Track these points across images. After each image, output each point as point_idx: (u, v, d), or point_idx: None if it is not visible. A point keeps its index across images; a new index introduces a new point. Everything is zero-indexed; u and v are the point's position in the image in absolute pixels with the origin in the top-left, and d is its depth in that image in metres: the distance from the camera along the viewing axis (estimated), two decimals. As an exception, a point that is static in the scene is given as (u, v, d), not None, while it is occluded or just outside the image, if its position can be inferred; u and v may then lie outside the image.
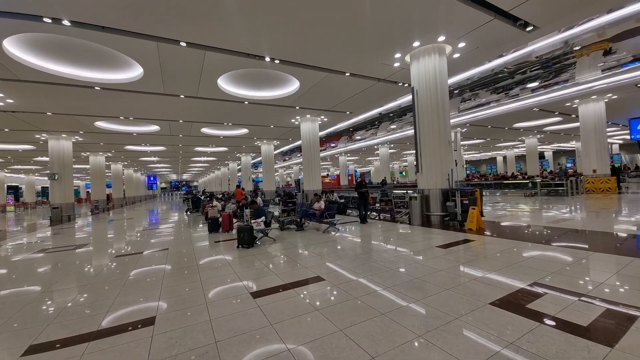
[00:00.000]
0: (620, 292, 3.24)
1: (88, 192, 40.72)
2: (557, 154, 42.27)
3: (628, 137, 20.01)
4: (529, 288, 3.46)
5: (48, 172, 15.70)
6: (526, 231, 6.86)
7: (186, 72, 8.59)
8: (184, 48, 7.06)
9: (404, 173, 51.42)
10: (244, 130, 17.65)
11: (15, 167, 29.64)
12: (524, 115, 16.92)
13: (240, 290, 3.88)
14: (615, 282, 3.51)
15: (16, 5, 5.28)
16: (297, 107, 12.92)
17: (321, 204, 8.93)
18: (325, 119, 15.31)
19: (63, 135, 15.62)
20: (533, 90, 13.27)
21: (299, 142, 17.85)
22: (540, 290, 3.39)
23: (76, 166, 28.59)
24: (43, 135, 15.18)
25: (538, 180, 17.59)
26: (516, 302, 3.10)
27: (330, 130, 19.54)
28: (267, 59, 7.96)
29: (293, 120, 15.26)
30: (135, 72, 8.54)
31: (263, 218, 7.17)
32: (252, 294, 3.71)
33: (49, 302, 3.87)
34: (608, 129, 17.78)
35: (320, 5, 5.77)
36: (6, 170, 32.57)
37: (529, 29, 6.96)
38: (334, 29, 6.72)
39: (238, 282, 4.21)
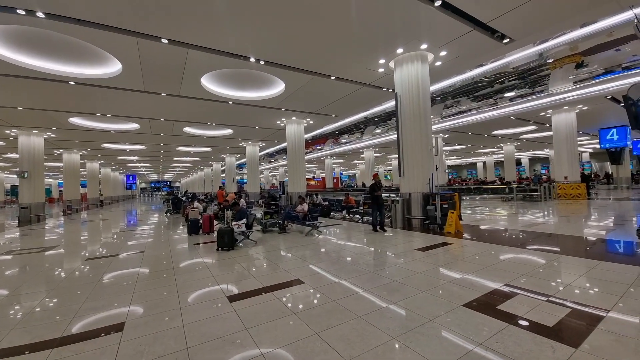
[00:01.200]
0: (587, 294, 3.40)
1: (61, 191, 38.79)
2: (533, 160, 44.25)
3: (598, 146, 21.22)
4: (501, 289, 3.58)
5: (17, 169, 14.82)
6: (502, 234, 7.12)
7: (168, 70, 8.37)
8: (166, 45, 6.89)
9: (388, 177, 52.16)
10: (229, 131, 17.38)
11: (-19, 163, 27.85)
12: (502, 123, 17.62)
13: (216, 294, 3.79)
14: (582, 284, 3.68)
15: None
16: (283, 109, 12.88)
17: (304, 207, 8.90)
18: (311, 122, 15.34)
19: (34, 131, 14.82)
20: (511, 99, 13.86)
21: (284, 144, 17.77)
22: (511, 291, 3.51)
23: (48, 164, 27.21)
24: (13, 130, 14.36)
25: (514, 185, 18.31)
26: (488, 304, 3.19)
27: (316, 132, 19.59)
28: (252, 59, 7.89)
29: (278, 122, 15.19)
30: (113, 67, 8.24)
31: (244, 220, 7.05)
32: (229, 298, 3.63)
33: (14, 307, 3.63)
34: (579, 138, 18.75)
35: (306, 9, 5.80)
36: (-30, 167, 30.55)
37: (505, 41, 7.27)
38: (319, 33, 6.76)
39: (215, 286, 4.12)
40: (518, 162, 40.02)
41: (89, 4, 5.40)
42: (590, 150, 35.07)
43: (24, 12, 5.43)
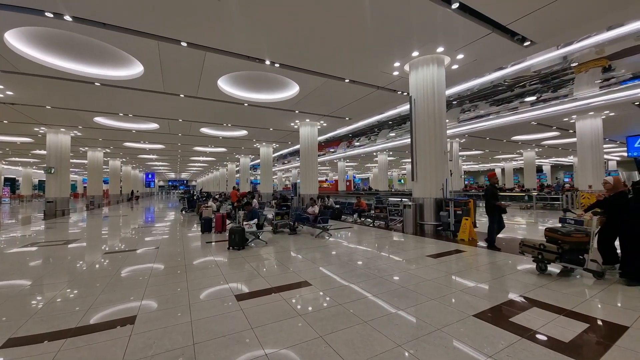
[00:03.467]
0: (607, 309, 3.23)
1: (85, 187, 40.59)
2: (555, 168, 42.47)
3: (625, 154, 20.12)
4: (515, 301, 3.45)
5: (45, 165, 15.65)
6: (519, 244, 6.84)
7: (186, 72, 8.63)
8: (185, 48, 7.11)
9: (402, 181, 51.48)
10: (243, 132, 17.68)
11: (13, 159, 29.55)
12: (523, 129, 17.03)
13: (225, 293, 3.85)
14: (602, 299, 3.49)
15: (19, -1, 5.32)
16: (297, 111, 12.97)
17: (315, 209, 8.91)
18: (325, 124, 15.37)
19: (62, 130, 15.62)
20: (532, 104, 13.38)
21: (297, 146, 17.88)
22: (527, 303, 3.37)
23: (74, 161, 28.54)
24: (42, 128, 15.17)
25: (534, 193, 17.63)
26: (500, 315, 3.08)
27: (330, 135, 19.61)
28: (267, 62, 8.01)
29: (292, 124, 15.31)
30: (135, 69, 8.58)
31: (255, 220, 7.14)
32: (237, 297, 3.68)
33: (34, 296, 3.82)
34: (605, 146, 17.90)
35: (322, 12, 5.84)
36: (3, 162, 32.47)
37: (526, 43, 7.04)
38: (334, 36, 6.78)
39: (224, 284, 4.18)
40: (539, 169, 38.51)
41: (115, 8, 5.65)
42: (618, 158, 33.28)
43: (52, 15, 5.74)
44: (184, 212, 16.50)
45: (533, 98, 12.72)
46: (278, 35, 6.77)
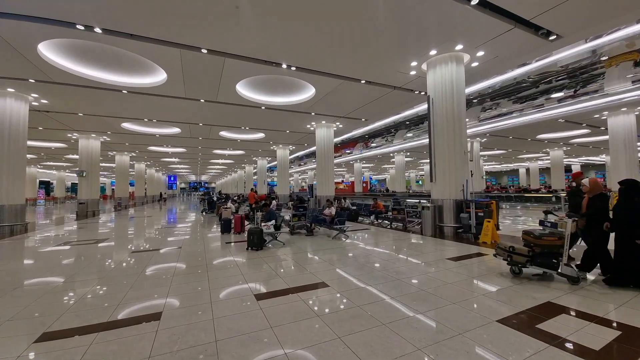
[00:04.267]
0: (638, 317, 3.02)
1: (113, 189, 42.71)
2: (585, 167, 40.16)
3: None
4: (542, 307, 3.30)
5: (77, 169, 16.64)
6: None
7: (206, 78, 8.93)
8: (205, 55, 7.37)
9: (420, 182, 50.45)
10: (261, 135, 18.01)
11: (47, 163, 31.60)
12: (549, 127, 16.25)
13: (245, 292, 3.94)
14: (635, 306, 3.28)
15: (51, 12, 5.71)
16: (313, 113, 13.07)
17: (332, 210, 8.92)
18: (341, 126, 15.38)
19: (92, 135, 16.56)
20: (559, 100, 12.75)
21: (314, 148, 17.98)
22: (553, 310, 3.22)
23: (102, 164, 30.15)
24: (74, 134, 16.16)
25: (562, 194, 16.74)
26: (526, 321, 2.96)
27: (346, 136, 19.59)
28: (284, 65, 8.14)
29: (308, 126, 15.42)
30: (159, 76, 8.97)
31: (273, 221, 7.24)
32: (256, 296, 3.75)
33: (66, 293, 4.07)
34: (641, 143, 16.73)
35: (337, 14, 5.87)
36: (39, 166, 34.78)
37: (552, 38, 6.74)
38: (350, 37, 6.79)
39: (244, 284, 4.28)
40: (568, 169, 36.53)
41: (142, 19, 5.94)
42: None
43: (82, 28, 6.12)
44: (204, 213, 17.00)
45: (560, 94, 12.12)
46: (294, 40, 6.86)
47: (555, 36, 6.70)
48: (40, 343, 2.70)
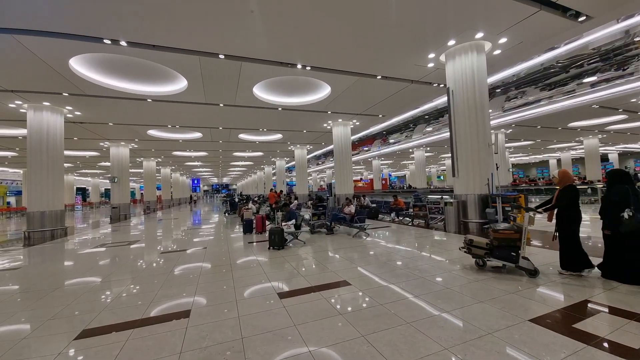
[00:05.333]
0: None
1: (142, 194, 45.00)
2: (623, 156, 37.22)
3: None
4: (578, 306, 3.11)
5: (109, 175, 17.68)
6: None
7: (225, 82, 9.17)
8: (223, 60, 7.56)
9: (442, 177, 48.99)
10: (278, 136, 18.25)
11: (83, 171, 33.82)
12: (582, 113, 15.21)
13: (268, 290, 4.02)
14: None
15: (80, 28, 6.08)
16: (329, 112, 13.05)
17: (351, 208, 8.88)
18: (358, 123, 15.25)
19: (122, 143, 17.53)
20: (592, 85, 11.90)
21: (331, 146, 17.96)
22: (590, 308, 3.03)
23: (132, 170, 31.83)
24: (105, 143, 17.17)
25: (599, 185, 15.66)
26: (561, 320, 2.81)
27: (363, 134, 19.40)
28: (299, 66, 8.19)
29: (325, 125, 15.43)
30: (180, 84, 9.32)
31: (293, 221, 7.33)
32: (279, 295, 3.82)
33: (103, 291, 4.35)
34: (690, 127, 15.26)
35: (349, 9, 5.83)
36: (75, 174, 37.28)
37: (581, 19, 6.30)
38: (363, 33, 6.72)
39: (267, 283, 4.36)
40: (604, 158, 34.08)
41: (164, 30, 6.20)
42: None
43: (109, 42, 6.48)
44: (226, 214, 17.49)
45: (594, 78, 11.30)
46: (308, 39, 6.89)
47: (584, 17, 6.26)
48: (80, 340, 2.90)
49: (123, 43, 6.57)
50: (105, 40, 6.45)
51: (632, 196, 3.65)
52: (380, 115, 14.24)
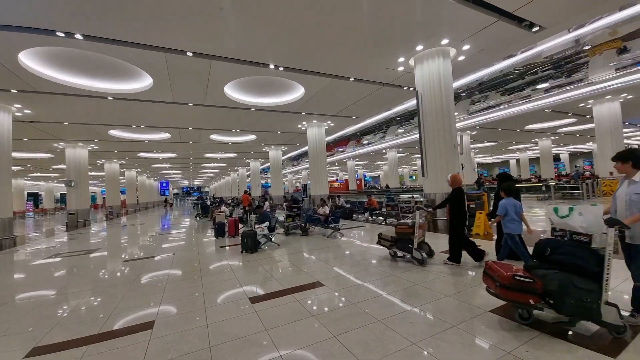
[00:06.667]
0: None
1: (104, 198, 42.01)
2: (573, 156, 40.93)
3: (648, 137, 19.19)
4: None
5: (65, 179, 16.31)
6: (540, 237, 6.63)
7: (193, 81, 8.82)
8: (191, 58, 7.26)
9: (413, 177, 50.79)
10: (252, 137, 17.90)
11: (35, 174, 30.92)
12: (537, 117, 16.50)
13: (239, 295, 3.90)
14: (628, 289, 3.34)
15: (29, 20, 5.56)
16: (303, 113, 13.03)
17: (326, 209, 8.92)
18: (332, 124, 15.37)
19: (79, 144, 16.23)
20: (545, 90, 12.96)
21: (306, 147, 17.95)
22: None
23: (92, 173, 29.66)
24: (60, 144, 15.81)
25: (552, 183, 17.06)
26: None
27: (338, 135, 19.59)
28: (272, 66, 8.09)
29: (299, 126, 15.38)
30: (145, 82, 8.83)
31: (267, 223, 7.21)
32: (251, 299, 3.72)
33: (57, 305, 3.98)
34: (625, 130, 17.14)
35: (322, 13, 5.85)
36: (26, 178, 34.00)
37: (535, 29, 6.83)
38: (336, 35, 6.77)
39: (238, 287, 4.24)
40: (556, 158, 37.24)
41: (123, 24, 5.83)
42: (639, 142, 31.77)
43: (63, 35, 5.98)
44: (198, 218, 16.84)
45: (546, 85, 12.32)
46: (280, 40, 6.82)
47: (538, 27, 6.79)
48: (30, 358, 2.64)
49: (78, 36, 6.10)
50: (58, 33, 5.94)
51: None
52: (353, 117, 14.46)
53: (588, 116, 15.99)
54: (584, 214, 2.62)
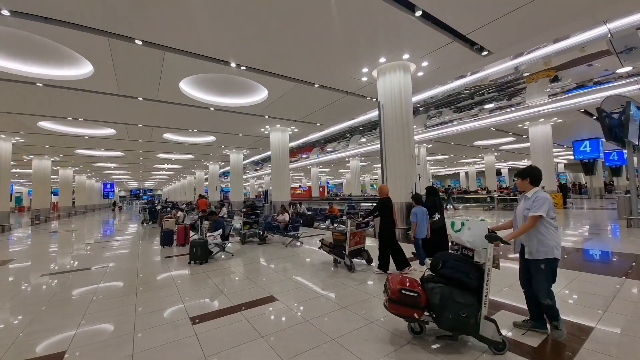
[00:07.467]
0: (572, 307, 3.29)
1: (31, 199, 36.56)
2: (512, 170, 45.78)
3: (572, 157, 22.10)
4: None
5: (-22, 176, 13.80)
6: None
7: (143, 73, 8.01)
8: (140, 47, 6.57)
9: (374, 186, 52.55)
10: (211, 138, 16.94)
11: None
12: (483, 134, 18.05)
13: (179, 315, 3.44)
14: (565, 296, 3.58)
15: None
16: (267, 116, 12.65)
17: (285, 216, 8.62)
18: (296, 130, 15.17)
19: (1, 136, 13.92)
20: (490, 111, 14.23)
21: (269, 152, 17.48)
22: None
23: (18, 171, 25.72)
24: (-26, 134, 13.40)
25: (495, 195, 18.70)
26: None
27: (302, 141, 19.44)
28: (233, 64, 7.67)
29: (262, 130, 14.92)
30: (84, 69, 7.80)
31: (220, 231, 6.69)
32: (192, 319, 3.29)
33: None
34: (554, 150, 19.48)
35: (287, 15, 5.68)
36: None
37: (484, 53, 7.39)
38: (301, 40, 6.63)
39: (179, 305, 3.75)
40: (498, 172, 41.20)
41: (57, 1, 5.05)
42: (565, 161, 36.59)
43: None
44: (144, 224, 15.33)
45: (491, 105, 13.53)
46: (243, 38, 6.48)
47: (487, 52, 7.37)
48: None
49: (5, 12, 5.16)
50: (-22, 6, 4.95)
51: (438, 205, 5.58)
52: (318, 124, 14.43)
53: (524, 136, 17.91)
54: (472, 229, 2.66)
